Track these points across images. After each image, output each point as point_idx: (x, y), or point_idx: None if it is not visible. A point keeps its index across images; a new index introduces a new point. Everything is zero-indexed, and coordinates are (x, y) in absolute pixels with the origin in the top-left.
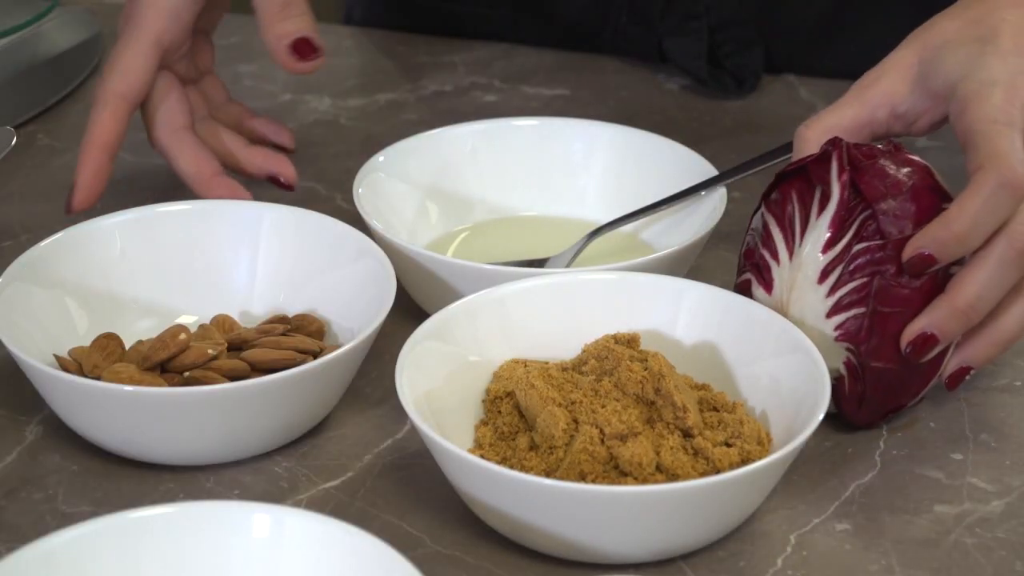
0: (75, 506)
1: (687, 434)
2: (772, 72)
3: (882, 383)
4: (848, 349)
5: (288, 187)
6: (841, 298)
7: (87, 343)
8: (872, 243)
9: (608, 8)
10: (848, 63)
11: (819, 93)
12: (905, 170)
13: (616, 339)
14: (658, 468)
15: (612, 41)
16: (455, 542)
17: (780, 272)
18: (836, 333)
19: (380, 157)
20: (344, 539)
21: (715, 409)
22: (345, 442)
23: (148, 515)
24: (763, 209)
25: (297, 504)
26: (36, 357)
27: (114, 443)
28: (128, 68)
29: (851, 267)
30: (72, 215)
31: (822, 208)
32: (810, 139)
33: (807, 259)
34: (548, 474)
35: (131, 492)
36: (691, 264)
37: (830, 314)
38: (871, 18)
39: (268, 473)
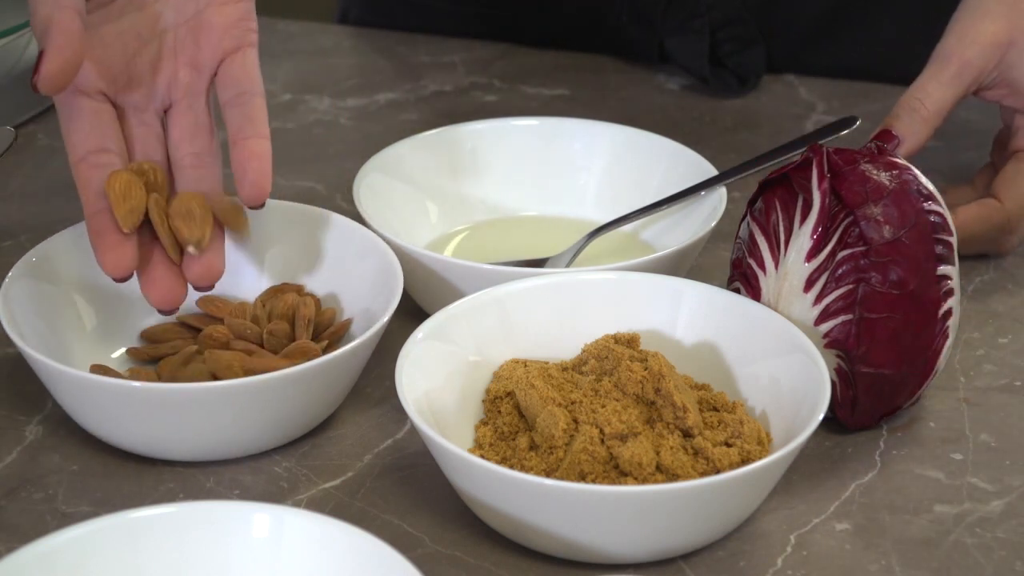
0: (75, 506)
1: (687, 434)
2: (772, 71)
3: (874, 388)
4: (838, 356)
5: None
6: (828, 305)
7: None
8: (856, 249)
9: (608, 8)
10: (848, 62)
11: (819, 93)
12: (887, 173)
13: (616, 339)
14: (658, 468)
15: (612, 41)
16: (455, 542)
17: (767, 282)
18: (825, 340)
19: (380, 157)
20: (344, 539)
21: (715, 409)
22: (345, 442)
23: (148, 515)
24: (748, 218)
25: (297, 504)
26: (43, 353)
27: (123, 439)
28: None
29: (836, 274)
30: (46, 91)
31: (804, 216)
32: (930, 120)
33: (792, 268)
34: (548, 474)
35: (131, 492)
36: (691, 264)
37: (817, 322)
38: (871, 17)
39: (268, 473)
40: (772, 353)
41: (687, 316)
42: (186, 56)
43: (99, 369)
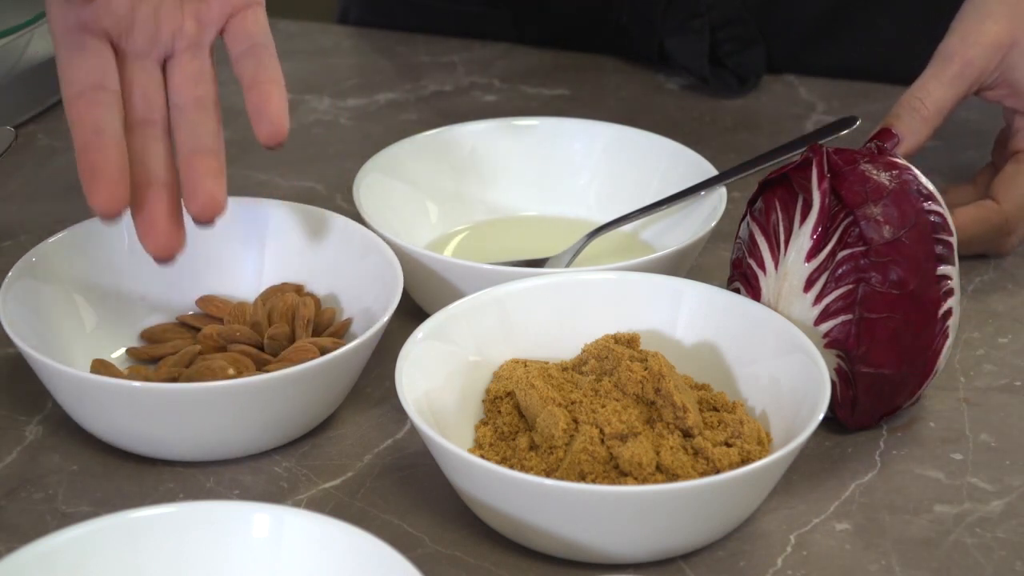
0: (75, 506)
1: (687, 434)
2: (772, 71)
3: (874, 388)
4: (838, 356)
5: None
6: (828, 305)
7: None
8: (856, 249)
9: (608, 8)
10: (848, 62)
11: (819, 93)
12: (887, 174)
13: (616, 339)
14: (658, 468)
15: (612, 41)
16: (455, 542)
17: (767, 281)
18: (825, 340)
19: (380, 157)
20: (344, 539)
21: (715, 409)
22: (345, 442)
23: (148, 515)
24: (748, 218)
25: (297, 504)
26: (43, 353)
27: (123, 439)
28: None
29: (836, 274)
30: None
31: (804, 216)
32: (930, 120)
33: (792, 268)
34: (548, 474)
35: (131, 492)
36: (691, 264)
37: (817, 322)
38: (871, 17)
39: (268, 473)
40: (772, 353)
41: (687, 316)
42: (192, 8)
43: (99, 364)
